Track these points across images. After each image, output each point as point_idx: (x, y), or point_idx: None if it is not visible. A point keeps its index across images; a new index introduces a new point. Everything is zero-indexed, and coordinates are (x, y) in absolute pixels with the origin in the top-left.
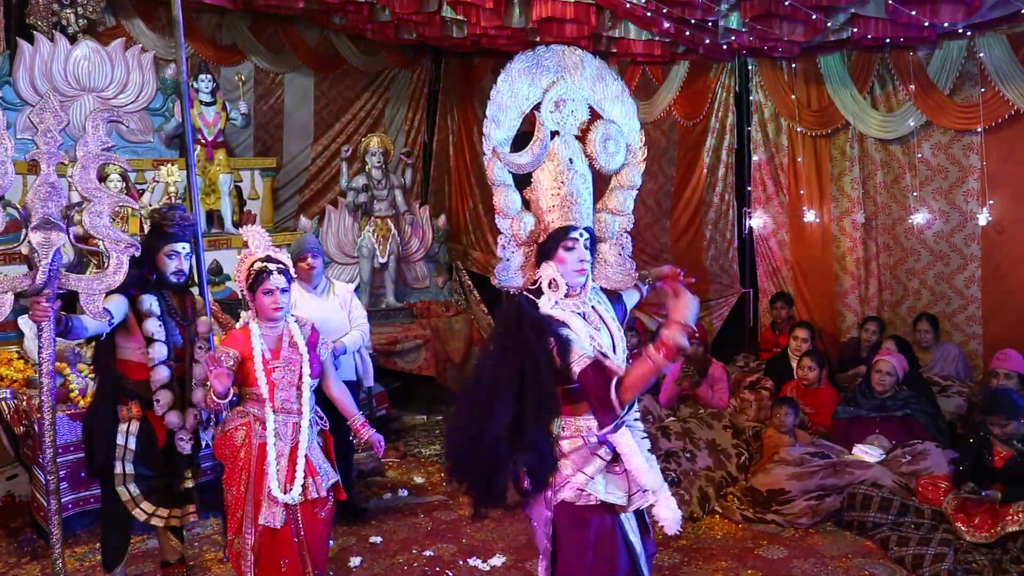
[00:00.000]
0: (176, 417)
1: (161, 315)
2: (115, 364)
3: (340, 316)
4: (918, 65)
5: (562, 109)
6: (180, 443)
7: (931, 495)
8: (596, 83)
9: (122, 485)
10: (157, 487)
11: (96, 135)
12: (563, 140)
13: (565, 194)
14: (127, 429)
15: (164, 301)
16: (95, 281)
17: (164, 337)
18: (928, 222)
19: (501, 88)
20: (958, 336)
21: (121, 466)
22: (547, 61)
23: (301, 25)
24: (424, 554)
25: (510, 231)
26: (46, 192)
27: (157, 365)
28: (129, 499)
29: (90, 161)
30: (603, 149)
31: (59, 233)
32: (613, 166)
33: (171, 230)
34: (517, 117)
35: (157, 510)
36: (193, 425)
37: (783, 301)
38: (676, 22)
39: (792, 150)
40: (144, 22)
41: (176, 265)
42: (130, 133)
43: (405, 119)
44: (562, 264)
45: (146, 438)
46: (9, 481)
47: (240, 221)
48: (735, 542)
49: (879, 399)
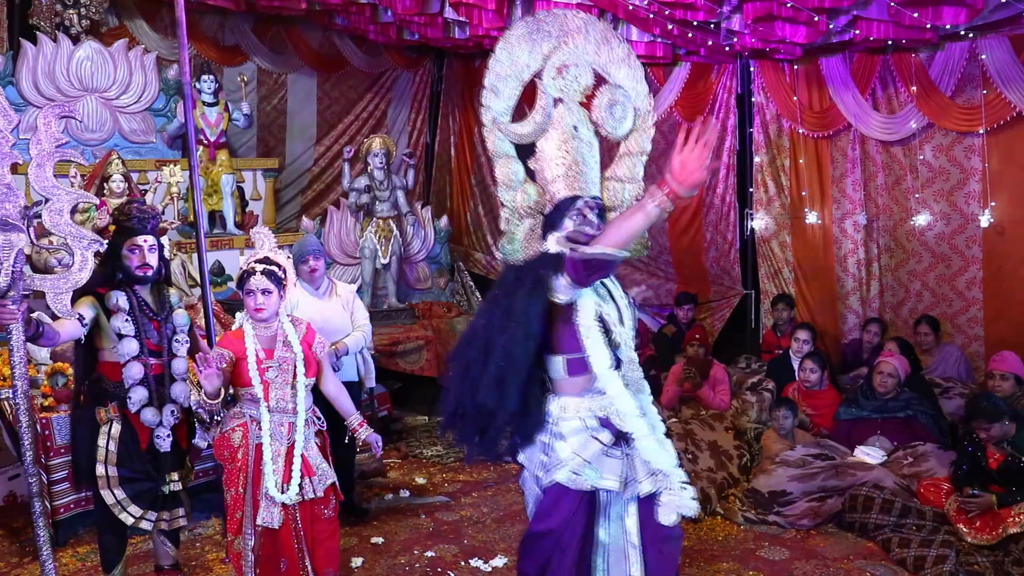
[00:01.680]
0: (151, 414)
1: (131, 311)
2: (95, 366)
3: (342, 317)
4: (920, 67)
5: (565, 75)
6: (158, 440)
7: (933, 497)
8: (601, 47)
9: (107, 489)
10: (143, 490)
11: (49, 132)
12: (567, 107)
13: (570, 162)
14: (108, 431)
15: (135, 297)
16: (60, 280)
17: (134, 332)
18: (929, 224)
19: (500, 56)
20: (960, 338)
21: (104, 469)
22: (548, 26)
23: (304, 26)
24: (426, 555)
25: (513, 203)
26: (2, 193)
27: (128, 362)
28: (115, 503)
29: (44, 159)
30: (610, 115)
31: (19, 234)
32: (621, 132)
33: (129, 224)
34: (517, 86)
35: (145, 513)
36: (171, 422)
37: (785, 303)
38: (679, 24)
39: (794, 152)
40: (147, 23)
41: (139, 259)
42: (132, 133)
43: (407, 120)
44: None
45: (128, 440)
46: (11, 481)
47: (242, 222)
48: (736, 543)
49: (881, 400)
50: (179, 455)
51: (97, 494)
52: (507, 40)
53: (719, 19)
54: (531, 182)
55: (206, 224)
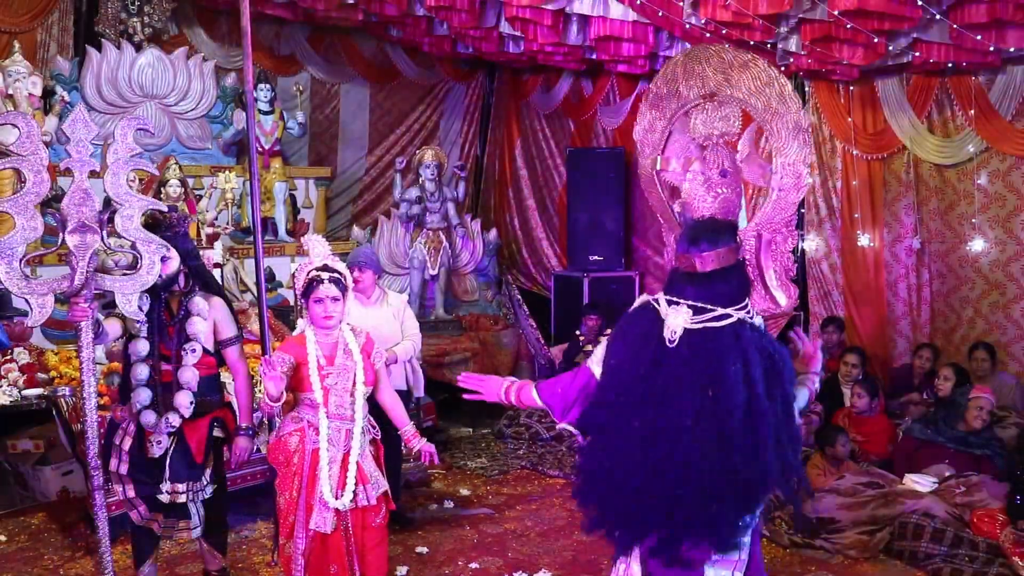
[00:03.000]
0: (151, 417)
1: (148, 313)
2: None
3: (393, 326)
4: (979, 90)
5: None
6: (149, 445)
7: (987, 528)
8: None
9: (119, 484)
10: (148, 493)
11: (125, 142)
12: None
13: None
14: (125, 429)
15: (158, 302)
16: (129, 281)
17: (146, 334)
18: (984, 250)
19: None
20: (1014, 366)
21: (117, 464)
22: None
23: (358, 37)
24: (470, 566)
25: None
26: (80, 198)
27: (136, 362)
28: (125, 500)
29: (119, 167)
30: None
31: (94, 236)
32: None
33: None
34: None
35: (154, 515)
36: (167, 429)
37: (835, 325)
38: (735, 44)
39: (846, 173)
40: (205, 31)
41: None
42: (189, 139)
43: (459, 132)
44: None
45: (139, 441)
46: (64, 477)
47: (294, 229)
48: (783, 566)
49: (962, 432)
50: (190, 467)
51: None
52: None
53: (776, 39)
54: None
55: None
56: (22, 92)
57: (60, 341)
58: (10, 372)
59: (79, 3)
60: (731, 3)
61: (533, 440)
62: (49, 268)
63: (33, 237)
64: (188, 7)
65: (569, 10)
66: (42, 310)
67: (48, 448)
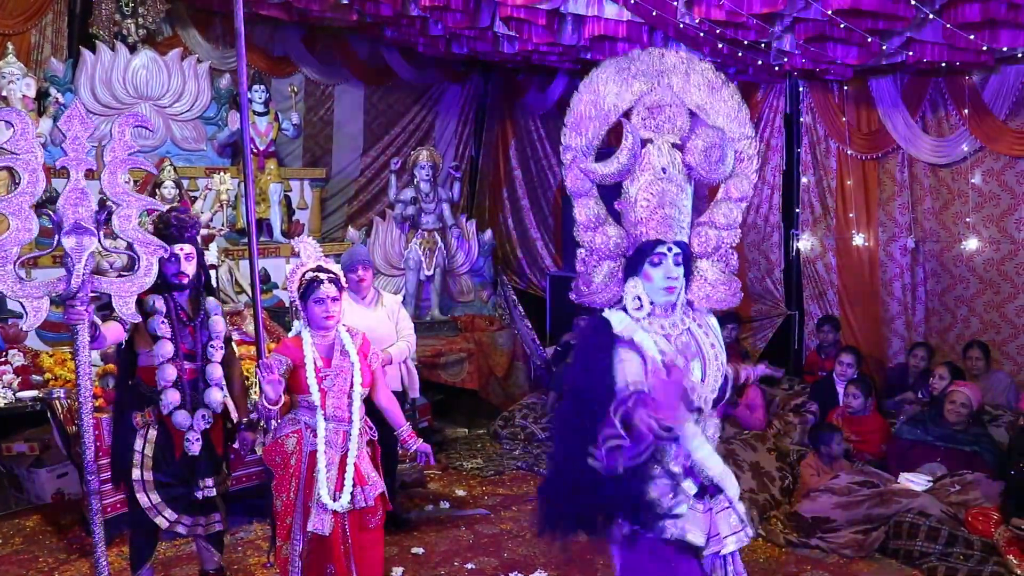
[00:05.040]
0: (183, 417)
1: (167, 314)
2: (135, 371)
3: (387, 327)
4: (973, 90)
5: (657, 115)
6: (187, 444)
7: (981, 526)
8: (701, 87)
9: (142, 492)
10: (177, 495)
11: (122, 140)
12: (657, 148)
13: (655, 206)
14: (145, 436)
15: (172, 301)
16: (126, 283)
17: (170, 335)
18: (978, 249)
19: (584, 95)
20: (1008, 365)
21: (139, 473)
22: (642, 65)
23: (352, 38)
24: (466, 567)
25: (591, 244)
26: (76, 198)
27: (162, 364)
28: (150, 506)
29: (117, 166)
30: (704, 158)
31: (91, 237)
32: (716, 176)
33: (167, 232)
34: (602, 125)
35: (181, 518)
36: (202, 426)
37: (831, 324)
38: (729, 43)
39: (841, 173)
40: (200, 33)
41: (175, 267)
42: (184, 141)
43: (454, 133)
44: (648, 281)
45: (164, 445)
46: (59, 479)
47: (289, 230)
48: (778, 566)
49: (950, 430)
50: (214, 461)
51: (132, 496)
52: (592, 80)
53: (770, 39)
54: (612, 223)
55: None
56: (16, 94)
57: (55, 343)
58: (4, 374)
59: (73, 5)
60: (725, 2)
61: (528, 441)
62: (44, 270)
63: (28, 239)
64: (182, 8)
65: (563, 10)
66: (37, 313)
67: (43, 450)
